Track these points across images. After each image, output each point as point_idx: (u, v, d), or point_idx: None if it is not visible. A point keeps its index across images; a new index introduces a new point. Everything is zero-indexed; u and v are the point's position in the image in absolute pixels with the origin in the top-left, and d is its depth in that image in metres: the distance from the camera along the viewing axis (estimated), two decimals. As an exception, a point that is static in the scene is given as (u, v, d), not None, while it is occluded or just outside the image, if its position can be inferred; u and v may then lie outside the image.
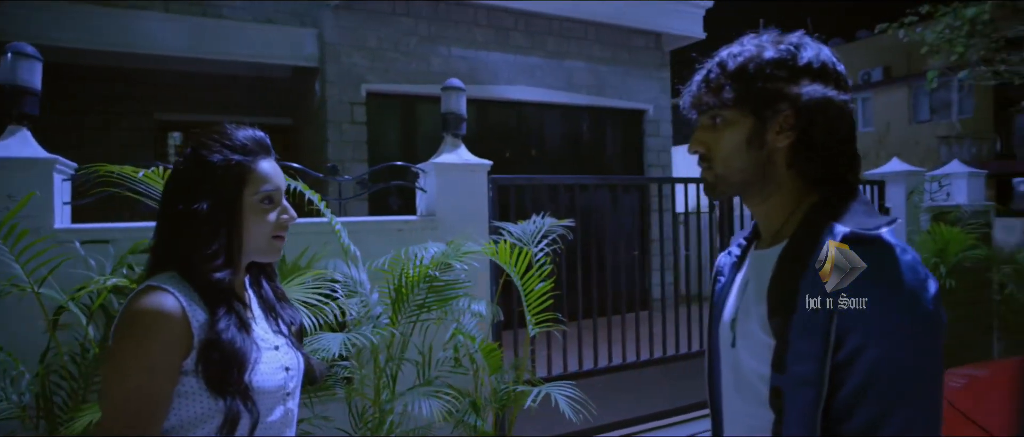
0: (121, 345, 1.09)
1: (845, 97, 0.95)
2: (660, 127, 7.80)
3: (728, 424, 1.08)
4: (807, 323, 0.86)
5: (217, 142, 1.20)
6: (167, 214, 1.18)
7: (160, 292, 1.10)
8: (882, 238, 0.86)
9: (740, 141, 0.98)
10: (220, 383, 1.11)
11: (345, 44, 5.84)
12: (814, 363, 0.84)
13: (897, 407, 0.81)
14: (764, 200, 1.01)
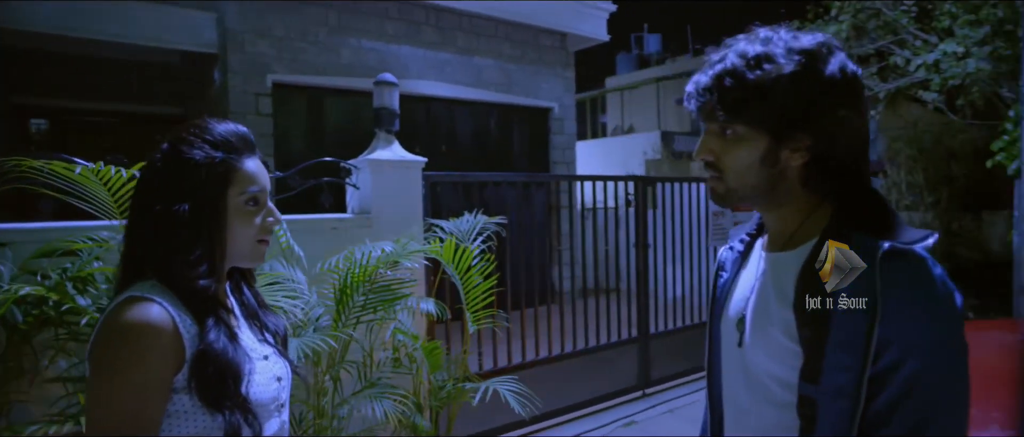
0: (108, 363, 0.99)
1: (862, 114, 0.94)
2: (565, 125, 8.04)
3: (731, 419, 1.08)
4: (845, 339, 0.86)
5: (198, 137, 1.10)
6: (143, 216, 1.08)
7: (146, 302, 1.01)
8: (918, 253, 0.86)
9: (754, 159, 0.95)
10: (217, 398, 1.03)
11: (249, 31, 5.50)
12: (852, 374, 0.85)
13: (935, 418, 0.83)
14: (776, 208, 1.01)
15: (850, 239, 0.90)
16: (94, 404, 0.98)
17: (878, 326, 0.84)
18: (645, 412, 4.36)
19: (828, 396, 0.88)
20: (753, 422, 1.01)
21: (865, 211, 0.93)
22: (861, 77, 0.95)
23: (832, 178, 0.95)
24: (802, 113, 0.91)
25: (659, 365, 4.76)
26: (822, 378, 0.88)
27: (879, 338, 0.84)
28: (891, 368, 0.83)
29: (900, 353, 0.83)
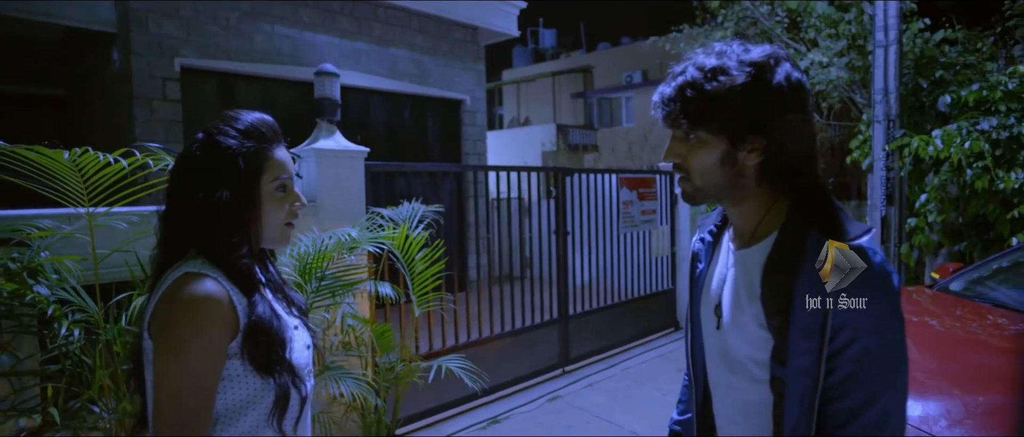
0: (175, 334, 1.05)
1: (808, 117, 1.05)
2: (476, 117, 8.23)
3: (717, 393, 1.22)
4: (806, 324, 0.98)
5: (232, 128, 1.17)
6: (185, 201, 1.14)
7: (204, 278, 1.09)
8: (862, 246, 0.98)
9: (714, 161, 1.05)
10: (268, 363, 1.13)
11: (153, 11, 5.20)
12: (812, 356, 0.97)
13: (883, 390, 0.96)
14: (738, 204, 1.11)
15: (805, 237, 1.02)
16: (163, 373, 1.05)
17: (832, 315, 0.96)
18: (567, 387, 4.69)
19: (794, 375, 1.00)
20: (739, 397, 1.13)
21: (817, 208, 1.05)
22: (805, 83, 1.06)
23: (785, 175, 1.06)
24: (754, 118, 1.02)
25: (577, 344, 5.12)
26: (788, 360, 1.00)
27: (833, 323, 0.96)
28: (844, 347, 0.96)
29: (851, 334, 0.95)
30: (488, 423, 4.05)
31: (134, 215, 2.24)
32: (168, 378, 1.05)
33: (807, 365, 0.98)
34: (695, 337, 1.28)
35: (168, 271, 1.13)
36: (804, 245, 1.01)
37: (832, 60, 8.08)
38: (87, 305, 2.13)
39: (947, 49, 7.10)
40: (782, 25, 9.48)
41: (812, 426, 0.99)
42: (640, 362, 5.31)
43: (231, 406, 1.12)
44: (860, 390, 0.96)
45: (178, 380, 1.04)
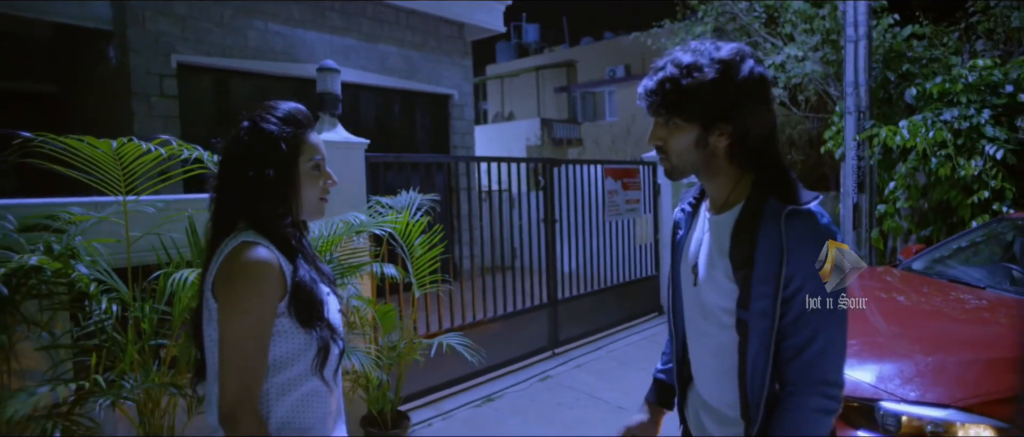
0: (238, 293, 1.23)
1: (769, 106, 1.23)
2: (464, 111, 8.42)
3: (693, 341, 1.42)
4: (764, 274, 1.18)
5: (273, 115, 1.34)
6: (235, 180, 1.31)
7: (259, 246, 1.26)
8: (811, 209, 1.18)
9: (689, 143, 1.24)
10: (310, 319, 1.31)
11: (149, 8, 5.32)
12: (769, 301, 1.18)
13: (824, 328, 1.16)
14: (711, 179, 1.31)
15: (765, 204, 1.21)
16: (228, 327, 1.23)
17: (785, 265, 1.16)
18: (557, 368, 4.92)
19: (755, 318, 1.20)
20: (711, 341, 1.33)
21: (776, 180, 1.25)
22: (767, 77, 1.24)
23: (750, 155, 1.25)
24: (722, 108, 1.20)
25: (566, 328, 5.35)
26: (750, 305, 1.20)
27: (787, 272, 1.16)
28: (795, 293, 1.16)
29: (800, 282, 1.16)
30: (483, 401, 4.27)
31: (160, 202, 2.42)
32: (232, 331, 1.23)
33: (765, 307, 1.19)
34: (675, 295, 1.48)
35: (224, 241, 1.31)
36: (765, 211, 1.21)
37: (807, 54, 8.38)
38: (118, 285, 2.30)
39: (915, 44, 7.42)
40: (760, 20, 9.77)
41: (769, 360, 1.21)
42: (625, 344, 5.56)
43: (281, 357, 1.29)
44: (806, 328, 1.17)
45: (241, 332, 1.23)
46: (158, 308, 2.36)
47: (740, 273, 1.22)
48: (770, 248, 1.18)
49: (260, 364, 1.24)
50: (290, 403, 1.30)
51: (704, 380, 1.42)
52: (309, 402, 1.33)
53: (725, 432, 1.37)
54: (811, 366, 1.18)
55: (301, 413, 1.32)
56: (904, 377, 2.48)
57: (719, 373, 1.34)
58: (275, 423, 1.29)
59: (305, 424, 1.33)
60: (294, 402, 1.31)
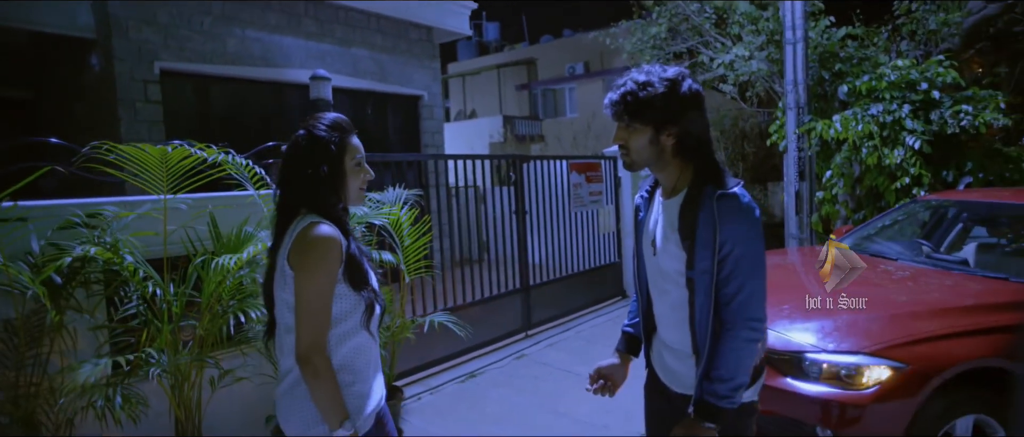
0: (311, 263, 1.57)
1: (704, 113, 1.66)
2: (434, 111, 8.77)
3: (656, 298, 1.82)
4: (703, 242, 1.58)
5: (322, 124, 1.69)
6: (297, 175, 1.66)
7: (324, 224, 1.62)
8: (736, 192, 1.59)
9: (644, 142, 1.64)
10: (360, 283, 1.67)
11: (133, 17, 5.53)
12: (709, 262, 1.57)
13: (749, 280, 1.57)
14: (662, 170, 1.71)
15: (703, 190, 1.61)
16: (303, 288, 1.57)
17: (718, 233, 1.56)
18: (531, 347, 5.36)
19: (699, 275, 1.61)
20: (668, 297, 1.75)
21: (709, 171, 1.65)
22: (701, 91, 1.65)
23: (690, 151, 1.66)
24: (669, 115, 1.61)
25: (538, 311, 5.80)
26: (695, 266, 1.61)
27: (719, 240, 1.56)
28: (726, 255, 1.57)
29: (730, 246, 1.56)
30: (466, 377, 4.68)
31: (189, 200, 2.75)
32: (307, 291, 1.57)
33: (706, 267, 1.60)
34: (639, 263, 1.90)
35: (293, 222, 1.68)
36: (702, 195, 1.61)
37: (753, 53, 8.99)
38: (152, 273, 2.63)
39: (850, 43, 8.10)
40: (710, 21, 10.38)
41: (711, 306, 1.63)
42: (593, 326, 6.04)
43: (338, 314, 1.65)
44: (735, 280, 1.59)
45: (314, 291, 1.57)
46: (188, 292, 2.69)
47: (687, 243, 1.63)
48: (707, 222, 1.59)
49: (328, 317, 1.60)
50: (346, 351, 1.68)
51: (665, 327, 1.84)
52: (359, 351, 1.71)
53: (682, 365, 1.80)
54: (741, 308, 1.60)
55: (354, 359, 1.70)
56: (825, 333, 2.99)
57: (676, 320, 1.77)
58: (334, 366, 1.67)
59: (356, 368, 1.70)
60: (348, 350, 1.69)
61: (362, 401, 1.70)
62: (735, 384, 1.63)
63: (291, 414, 1.66)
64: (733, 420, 1.68)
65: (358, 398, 1.69)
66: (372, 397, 1.74)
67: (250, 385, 3.17)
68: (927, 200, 4.82)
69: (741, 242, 1.58)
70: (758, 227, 1.63)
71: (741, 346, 1.61)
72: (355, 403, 1.68)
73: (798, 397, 2.86)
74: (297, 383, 1.65)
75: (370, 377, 1.75)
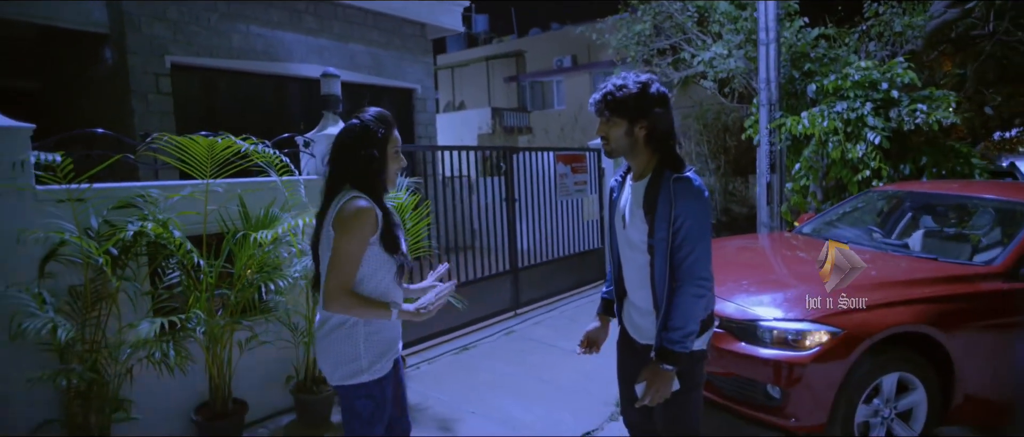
0: (350, 229, 1.95)
1: (669, 110, 2.07)
2: (427, 104, 9.14)
3: (625, 264, 2.22)
4: (661, 216, 1.98)
5: (371, 116, 2.08)
6: (349, 157, 2.02)
7: (362, 198, 2.01)
8: (689, 176, 2.00)
9: (622, 133, 2.06)
10: (392, 246, 2.07)
11: (145, 14, 5.86)
12: (666, 230, 1.97)
13: (697, 245, 1.95)
14: (634, 158, 2.11)
15: (664, 174, 2.02)
16: (340, 247, 1.96)
17: (673, 209, 1.96)
18: (519, 324, 5.80)
19: (658, 243, 2.01)
20: (634, 263, 2.15)
21: (670, 159, 2.07)
22: (667, 93, 2.07)
23: (658, 142, 2.07)
24: (640, 111, 2.02)
25: (526, 292, 6.23)
26: (655, 235, 2.02)
27: (674, 214, 1.96)
28: (679, 227, 1.97)
29: (682, 219, 1.96)
30: (460, 350, 5.11)
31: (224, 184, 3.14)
32: (341, 248, 1.96)
33: (663, 236, 2.02)
34: (612, 236, 2.34)
35: (337, 196, 2.07)
36: (663, 178, 2.03)
37: (731, 51, 9.45)
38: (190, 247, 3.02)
39: (823, 43, 8.57)
40: (692, 19, 10.81)
41: (667, 268, 2.06)
42: (576, 306, 6.49)
43: (374, 271, 2.04)
44: (686, 247, 1.99)
45: (346, 249, 1.96)
46: (222, 264, 3.09)
47: (649, 216, 2.04)
48: (665, 200, 2.01)
49: (353, 271, 1.99)
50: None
51: (632, 289, 2.28)
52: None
53: (645, 321, 2.24)
54: (690, 269, 2.02)
55: None
56: (776, 303, 3.44)
57: (640, 282, 2.20)
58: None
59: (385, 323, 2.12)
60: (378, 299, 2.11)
61: (386, 346, 2.11)
62: (686, 331, 2.05)
63: (327, 354, 2.07)
64: (686, 363, 2.10)
65: (384, 343, 2.10)
66: (394, 344, 2.16)
67: (272, 348, 3.58)
68: (883, 191, 5.30)
69: (691, 216, 1.99)
70: (706, 205, 2.04)
71: (690, 300, 2.03)
72: (380, 347, 2.09)
73: (753, 360, 3.30)
74: (332, 329, 2.06)
75: (395, 326, 2.16)
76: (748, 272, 4.13)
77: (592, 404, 4.03)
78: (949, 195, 4.73)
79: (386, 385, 2.10)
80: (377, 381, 2.05)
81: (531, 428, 3.73)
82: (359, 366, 2.02)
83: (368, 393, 2.04)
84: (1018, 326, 3.38)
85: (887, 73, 6.61)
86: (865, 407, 3.27)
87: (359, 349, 2.02)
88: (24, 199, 2.72)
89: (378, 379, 2.05)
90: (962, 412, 3.41)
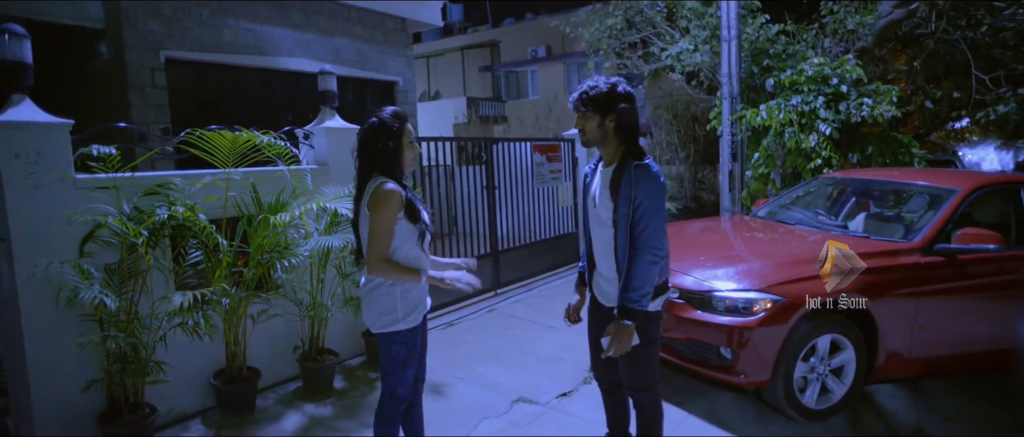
0: (381, 207, 2.35)
1: (634, 105, 2.50)
2: (408, 96, 9.49)
3: (595, 239, 2.64)
4: (624, 196, 2.38)
5: (387, 114, 2.47)
6: (373, 148, 2.42)
7: (390, 182, 2.41)
8: (648, 163, 2.42)
9: (595, 126, 2.48)
10: (416, 218, 2.48)
11: (140, 11, 6.11)
12: (627, 208, 2.38)
13: (651, 221, 2.37)
14: (604, 147, 2.53)
15: (627, 162, 2.45)
16: (375, 222, 2.37)
17: (634, 191, 2.39)
18: (500, 303, 6.26)
19: (621, 219, 2.43)
20: (601, 237, 2.58)
21: (633, 149, 2.49)
22: (632, 92, 2.53)
23: (623, 134, 2.48)
24: (609, 106, 2.44)
25: (505, 273, 6.69)
26: (618, 212, 2.46)
27: (634, 194, 2.40)
28: (638, 205, 2.39)
29: (641, 199, 2.38)
30: (446, 326, 5.55)
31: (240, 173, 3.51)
32: (377, 223, 2.37)
33: (625, 212, 2.45)
34: (585, 216, 2.81)
35: (369, 181, 2.48)
36: (626, 164, 2.48)
37: (698, 46, 9.97)
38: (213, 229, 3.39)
39: (783, 39, 9.12)
40: (661, 15, 11.31)
41: (627, 240, 2.51)
42: (553, 286, 6.96)
43: (403, 240, 2.44)
44: (643, 222, 2.42)
45: (381, 224, 2.37)
46: (239, 246, 3.47)
47: (614, 196, 2.47)
48: (628, 183, 2.44)
49: (388, 240, 2.40)
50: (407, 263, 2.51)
51: (600, 260, 2.74)
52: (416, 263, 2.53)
53: (610, 287, 2.70)
54: (646, 240, 2.47)
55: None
56: (729, 277, 3.93)
57: (606, 253, 2.66)
58: None
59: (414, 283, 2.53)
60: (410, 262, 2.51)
61: (417, 302, 2.53)
62: (642, 293, 2.52)
63: (371, 308, 2.50)
64: (643, 320, 2.57)
65: (415, 300, 2.52)
66: (423, 300, 2.58)
67: (280, 321, 3.98)
68: (829, 177, 5.85)
69: (648, 197, 2.43)
70: (662, 188, 2.50)
71: (646, 266, 2.48)
72: (412, 303, 2.50)
73: (709, 325, 3.79)
74: (374, 288, 2.47)
75: (424, 287, 2.59)
76: (706, 251, 4.62)
77: (567, 371, 4.50)
78: (886, 181, 5.29)
79: (417, 334, 2.53)
80: (410, 330, 2.48)
81: (514, 391, 4.18)
82: (396, 317, 2.45)
83: (403, 340, 2.47)
84: (932, 294, 3.93)
85: (838, 69, 7.17)
86: (803, 365, 3.77)
87: (396, 304, 2.44)
88: (66, 186, 3.07)
89: (411, 328, 2.48)
90: (885, 368, 3.96)
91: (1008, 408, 4.06)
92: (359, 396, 4.06)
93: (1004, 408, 4.05)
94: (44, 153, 3.02)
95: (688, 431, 3.69)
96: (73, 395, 3.08)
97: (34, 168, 2.97)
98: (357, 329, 4.60)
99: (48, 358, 3.02)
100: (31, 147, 2.98)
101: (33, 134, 2.98)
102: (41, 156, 3.01)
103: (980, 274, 4.10)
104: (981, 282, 4.11)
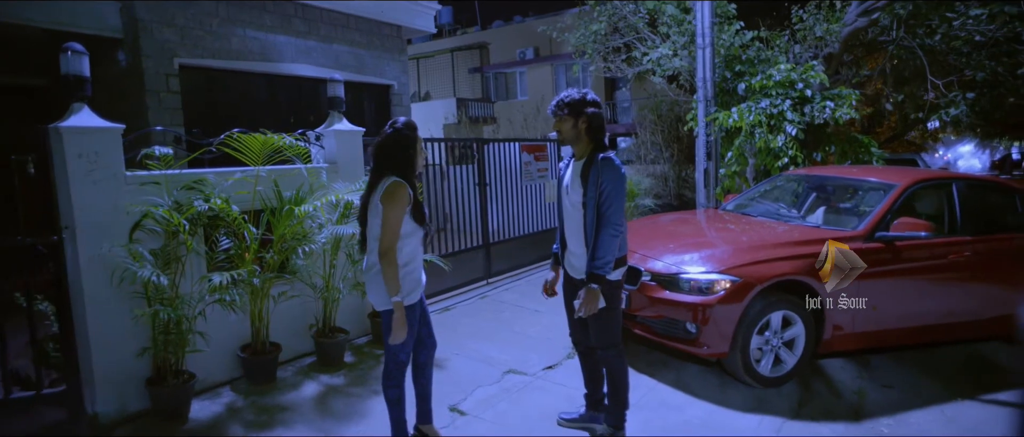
0: (393, 200, 2.86)
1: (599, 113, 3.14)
2: (402, 99, 9.98)
3: (566, 222, 3.25)
4: (592, 182, 3.02)
5: (402, 125, 3.00)
6: (390, 154, 2.93)
7: (400, 181, 2.93)
8: (611, 156, 3.05)
9: (570, 127, 3.12)
10: (420, 217, 3.03)
11: (156, 20, 6.57)
12: (594, 192, 3.02)
13: (613, 203, 3.00)
14: (577, 145, 3.16)
15: (594, 156, 3.09)
16: (387, 216, 2.88)
17: (600, 178, 3.01)
18: (491, 291, 6.78)
19: (590, 202, 3.06)
20: (572, 219, 3.22)
21: (600, 146, 3.13)
22: (599, 100, 3.19)
23: (593, 133, 3.12)
24: (582, 111, 3.11)
25: (496, 263, 7.21)
26: (586, 197, 3.08)
27: (600, 182, 3.02)
28: (603, 189, 3.01)
29: (605, 185, 3.00)
30: (442, 310, 6.06)
31: (265, 170, 4.01)
32: (389, 217, 2.88)
33: (592, 197, 3.07)
34: (559, 202, 3.38)
35: (381, 180, 2.99)
36: (594, 159, 3.08)
37: (677, 51, 10.54)
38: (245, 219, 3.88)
39: (757, 44, 9.71)
40: (644, 21, 11.88)
41: (594, 220, 3.09)
42: (539, 276, 7.49)
43: (406, 235, 2.95)
44: (606, 202, 3.02)
45: (392, 218, 2.88)
46: (258, 233, 3.98)
47: (584, 184, 3.11)
48: (595, 172, 3.06)
49: (397, 230, 2.90)
50: (409, 251, 3.03)
51: (571, 239, 3.30)
52: (417, 254, 3.07)
53: (579, 261, 3.26)
54: (609, 218, 3.05)
55: (413, 257, 3.05)
56: (694, 261, 4.47)
57: (577, 232, 3.23)
58: (402, 260, 3.01)
59: (415, 263, 3.05)
60: (411, 251, 3.04)
61: (414, 284, 3.05)
62: (606, 260, 3.07)
63: (375, 288, 3.00)
64: (607, 286, 3.12)
65: (412, 282, 3.04)
66: (418, 285, 3.09)
67: (297, 302, 4.48)
68: (792, 174, 6.42)
69: (611, 183, 3.03)
70: (622, 177, 3.09)
71: (608, 239, 3.05)
72: (410, 285, 3.01)
73: (676, 303, 4.32)
74: (379, 272, 2.97)
75: (421, 269, 3.11)
76: (675, 239, 5.16)
77: (553, 348, 5.04)
78: (838, 177, 5.87)
79: (415, 310, 3.04)
80: (409, 307, 2.99)
81: (505, 364, 4.71)
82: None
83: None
84: (872, 275, 4.50)
85: (804, 75, 7.76)
86: (758, 338, 4.32)
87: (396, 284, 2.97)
88: (119, 182, 3.55)
89: (409, 305, 2.99)
90: (831, 341, 4.52)
91: (935, 377, 4.64)
92: (367, 369, 4.57)
93: (933, 377, 4.63)
94: (101, 153, 3.50)
95: (658, 397, 4.22)
96: (127, 361, 3.57)
97: (93, 166, 3.45)
98: (364, 310, 5.11)
99: (105, 329, 3.50)
100: (91, 148, 3.46)
101: (92, 137, 3.46)
102: (99, 156, 3.49)
103: (914, 258, 4.67)
104: (915, 265, 4.69)
